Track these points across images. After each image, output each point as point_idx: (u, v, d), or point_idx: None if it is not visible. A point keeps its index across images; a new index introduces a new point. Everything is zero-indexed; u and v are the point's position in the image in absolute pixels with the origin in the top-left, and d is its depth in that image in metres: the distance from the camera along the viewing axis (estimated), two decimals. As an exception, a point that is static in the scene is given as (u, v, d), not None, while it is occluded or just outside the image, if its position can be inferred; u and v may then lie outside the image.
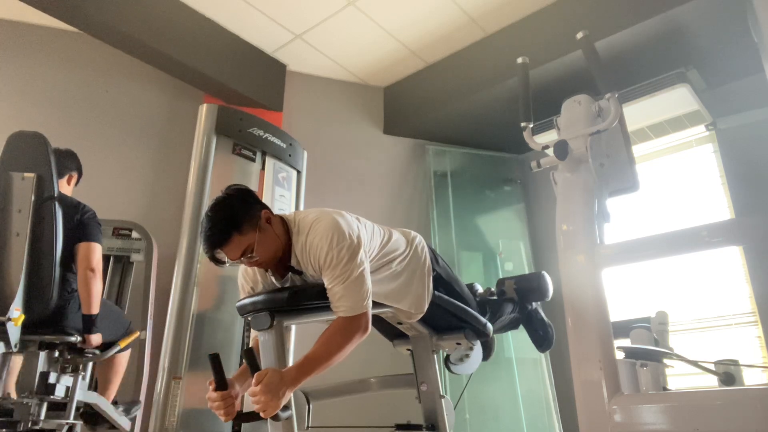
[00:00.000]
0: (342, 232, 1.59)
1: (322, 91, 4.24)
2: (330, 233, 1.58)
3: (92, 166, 2.98)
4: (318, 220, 1.64)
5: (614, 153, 1.92)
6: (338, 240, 1.57)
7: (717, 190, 3.53)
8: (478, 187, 4.34)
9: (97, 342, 2.28)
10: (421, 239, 1.99)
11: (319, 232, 1.60)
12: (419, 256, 1.90)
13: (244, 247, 1.58)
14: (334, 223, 1.61)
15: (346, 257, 1.56)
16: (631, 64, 3.37)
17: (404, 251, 1.86)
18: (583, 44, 1.91)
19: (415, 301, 1.82)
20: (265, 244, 1.61)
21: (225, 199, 1.62)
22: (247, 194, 1.67)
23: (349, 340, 1.54)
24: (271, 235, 1.63)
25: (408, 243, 1.91)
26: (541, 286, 2.30)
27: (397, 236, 1.89)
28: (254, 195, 1.70)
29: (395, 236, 1.87)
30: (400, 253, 1.84)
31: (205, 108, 3.32)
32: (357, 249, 1.59)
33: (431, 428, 1.95)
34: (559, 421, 3.61)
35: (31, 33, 3.63)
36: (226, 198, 1.62)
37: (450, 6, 3.57)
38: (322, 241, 1.58)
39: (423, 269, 1.87)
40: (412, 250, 1.89)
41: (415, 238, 1.96)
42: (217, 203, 1.60)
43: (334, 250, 1.56)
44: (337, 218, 1.64)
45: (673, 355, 2.42)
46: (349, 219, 1.69)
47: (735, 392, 1.69)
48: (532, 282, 2.32)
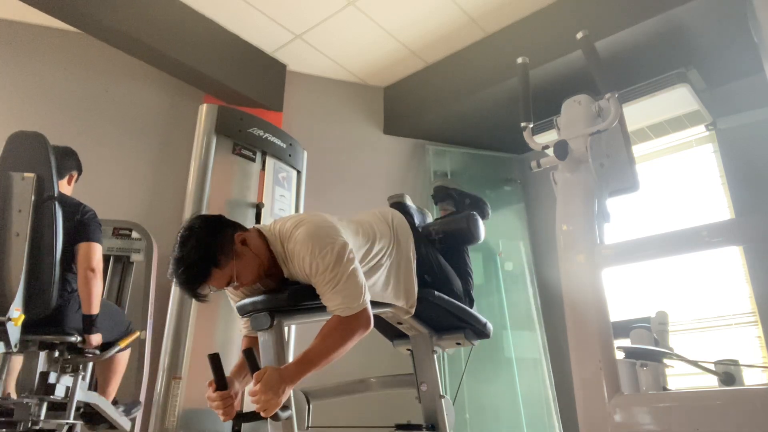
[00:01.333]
0: (321, 238, 1.54)
1: (322, 91, 4.24)
2: (309, 243, 1.53)
3: (92, 166, 2.98)
4: (296, 227, 1.59)
5: (614, 153, 1.92)
6: (319, 248, 1.52)
7: (717, 190, 3.53)
8: (478, 187, 4.33)
9: (97, 342, 2.28)
10: (400, 217, 1.94)
11: (299, 241, 1.55)
12: (402, 243, 1.86)
13: (227, 279, 1.53)
14: (312, 231, 1.56)
15: (332, 262, 1.51)
16: (631, 64, 3.37)
17: (389, 245, 1.83)
18: (583, 44, 1.90)
19: (405, 293, 1.81)
20: (247, 268, 1.56)
21: (193, 234, 1.50)
22: (215, 222, 1.57)
23: (350, 336, 1.52)
24: (250, 256, 1.56)
25: (390, 231, 1.87)
26: (470, 228, 2.08)
27: (379, 229, 1.84)
28: (222, 219, 1.60)
29: (377, 230, 1.82)
30: (385, 247, 1.81)
31: (205, 108, 3.32)
32: (342, 250, 1.54)
33: (431, 428, 1.95)
34: (559, 421, 3.61)
35: (31, 33, 3.63)
36: (194, 232, 1.50)
37: (450, 6, 3.57)
38: (303, 250, 1.54)
39: (409, 255, 1.86)
40: (395, 239, 1.86)
41: (394, 219, 1.91)
42: (185, 239, 1.48)
43: (317, 258, 1.52)
44: (314, 224, 1.59)
45: (673, 355, 2.42)
46: (329, 221, 1.64)
47: (735, 392, 1.69)
48: (460, 223, 2.10)
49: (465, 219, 2.10)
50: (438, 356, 2.08)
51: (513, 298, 3.97)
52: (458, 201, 2.38)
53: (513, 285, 4.02)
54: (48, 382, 2.11)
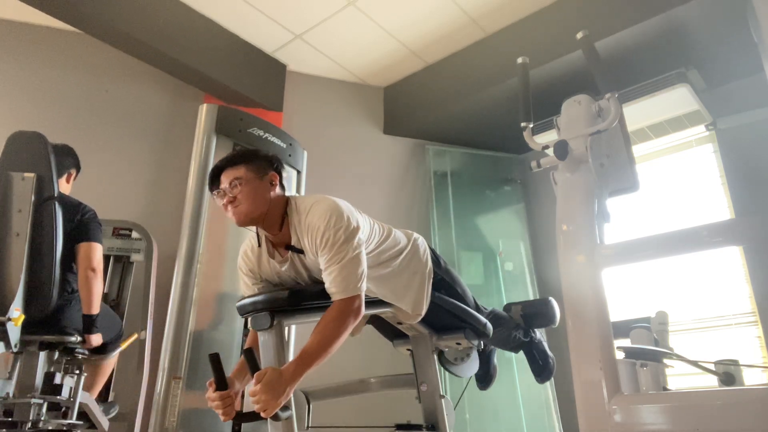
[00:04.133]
0: (341, 213, 1.60)
1: (321, 90, 4.24)
2: (328, 213, 1.59)
3: (92, 166, 2.98)
4: (318, 202, 1.65)
5: (614, 153, 1.92)
6: (336, 221, 1.57)
7: (717, 190, 3.53)
8: (478, 187, 4.34)
9: (97, 342, 2.28)
10: (423, 241, 1.98)
11: (317, 212, 1.61)
12: (420, 256, 1.89)
13: (238, 175, 1.64)
14: (334, 205, 1.62)
15: (342, 238, 1.56)
16: (631, 64, 3.37)
17: (405, 248, 1.85)
18: (583, 44, 1.91)
19: (413, 303, 1.81)
20: (254, 192, 1.65)
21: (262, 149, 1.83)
22: (277, 159, 1.78)
23: (344, 324, 1.53)
24: (264, 192, 1.66)
25: (408, 241, 1.90)
26: (548, 312, 2.30)
27: (397, 233, 1.88)
28: (280, 162, 1.79)
29: (395, 233, 1.86)
30: (401, 249, 1.83)
31: (205, 108, 3.32)
32: (354, 232, 1.59)
33: (431, 428, 1.95)
34: (559, 421, 3.61)
35: (31, 33, 3.63)
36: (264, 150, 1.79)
37: (450, 6, 3.57)
38: (320, 220, 1.58)
39: (424, 271, 1.87)
40: (413, 249, 1.88)
41: (417, 239, 1.95)
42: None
43: (331, 230, 1.56)
44: (337, 201, 1.66)
45: (673, 355, 2.42)
46: (349, 205, 1.70)
47: (735, 392, 1.69)
48: (539, 307, 2.33)
49: (544, 303, 2.33)
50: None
51: (513, 298, 3.97)
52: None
53: (513, 285, 4.02)
54: (54, 382, 2.11)
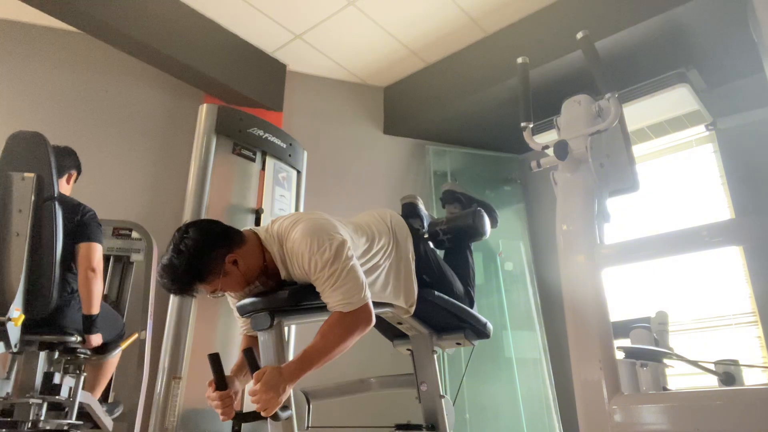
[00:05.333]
0: (320, 235, 1.54)
1: (322, 91, 4.24)
2: (307, 240, 1.53)
3: (92, 166, 2.98)
4: (294, 226, 1.59)
5: (614, 153, 1.92)
6: (318, 244, 1.52)
7: (717, 190, 3.53)
8: (478, 187, 4.33)
9: (97, 342, 2.28)
10: (398, 218, 1.94)
11: (297, 240, 1.56)
12: (400, 243, 1.87)
13: (211, 290, 1.57)
14: (310, 228, 1.56)
15: (331, 257, 1.51)
16: (631, 64, 3.37)
17: (388, 244, 1.83)
18: (583, 44, 1.90)
19: (406, 294, 1.81)
20: (233, 284, 1.58)
21: (185, 248, 1.50)
22: (209, 237, 1.55)
23: (351, 332, 1.52)
24: (237, 275, 1.56)
25: (389, 231, 1.87)
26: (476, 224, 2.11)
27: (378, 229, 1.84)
28: (216, 233, 1.58)
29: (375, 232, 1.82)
30: (384, 247, 1.81)
31: (205, 108, 3.31)
32: (341, 246, 1.54)
33: (431, 428, 1.95)
34: (559, 421, 3.61)
35: (31, 33, 3.62)
36: (187, 245, 1.50)
37: (450, 6, 3.57)
38: (301, 247, 1.54)
39: (408, 255, 1.86)
40: (394, 239, 1.86)
41: (392, 220, 1.92)
42: (177, 250, 1.50)
43: (316, 255, 1.52)
44: (312, 221, 1.60)
45: (673, 355, 2.42)
46: (327, 218, 1.65)
47: (735, 392, 1.69)
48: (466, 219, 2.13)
49: (471, 215, 2.14)
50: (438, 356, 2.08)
51: (513, 298, 3.97)
52: (466, 204, 2.39)
53: (513, 285, 4.02)
54: (53, 382, 2.11)
